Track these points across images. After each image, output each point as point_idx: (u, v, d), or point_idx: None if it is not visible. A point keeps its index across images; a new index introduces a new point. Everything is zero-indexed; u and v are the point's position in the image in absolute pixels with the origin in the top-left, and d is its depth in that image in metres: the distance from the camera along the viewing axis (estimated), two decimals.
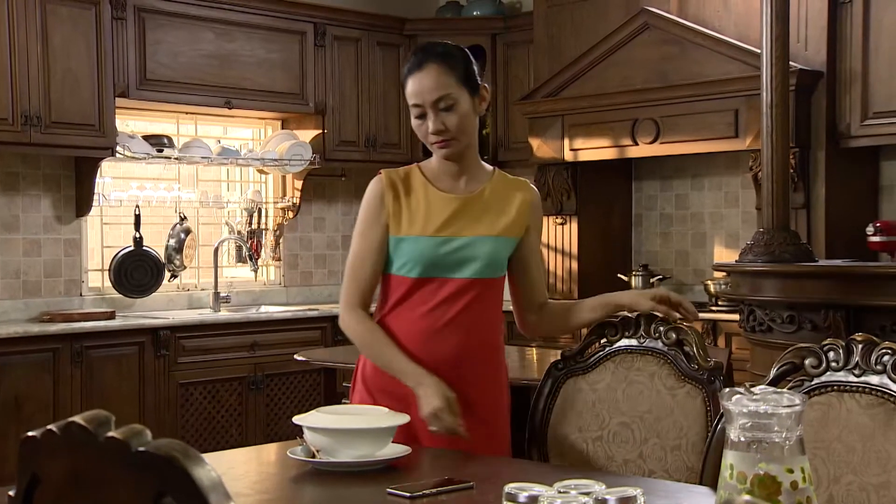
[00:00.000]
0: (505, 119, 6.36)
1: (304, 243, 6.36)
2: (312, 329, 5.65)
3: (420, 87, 2.38)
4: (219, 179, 6.26)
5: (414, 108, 2.40)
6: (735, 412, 1.39)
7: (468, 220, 2.42)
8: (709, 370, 2.30)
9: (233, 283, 6.06)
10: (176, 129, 5.89)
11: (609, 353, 2.47)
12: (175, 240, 5.73)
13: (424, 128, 2.40)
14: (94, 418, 1.09)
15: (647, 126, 5.47)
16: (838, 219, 4.92)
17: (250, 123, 6.28)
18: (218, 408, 5.29)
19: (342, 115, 6.08)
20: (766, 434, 1.37)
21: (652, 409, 2.37)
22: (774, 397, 1.38)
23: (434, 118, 2.37)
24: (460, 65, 2.41)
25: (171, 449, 1.04)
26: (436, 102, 2.36)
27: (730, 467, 1.38)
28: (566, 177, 5.85)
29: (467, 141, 2.42)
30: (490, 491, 1.93)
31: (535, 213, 2.52)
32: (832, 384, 1.87)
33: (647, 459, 2.33)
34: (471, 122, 2.42)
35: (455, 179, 2.47)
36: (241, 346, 5.38)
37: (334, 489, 1.97)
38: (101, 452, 1.07)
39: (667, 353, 2.39)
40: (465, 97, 2.39)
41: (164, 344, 5.10)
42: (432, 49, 2.43)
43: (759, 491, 1.35)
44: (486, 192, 2.45)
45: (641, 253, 6.15)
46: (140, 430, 1.07)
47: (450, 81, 2.37)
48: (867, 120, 4.81)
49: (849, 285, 3.18)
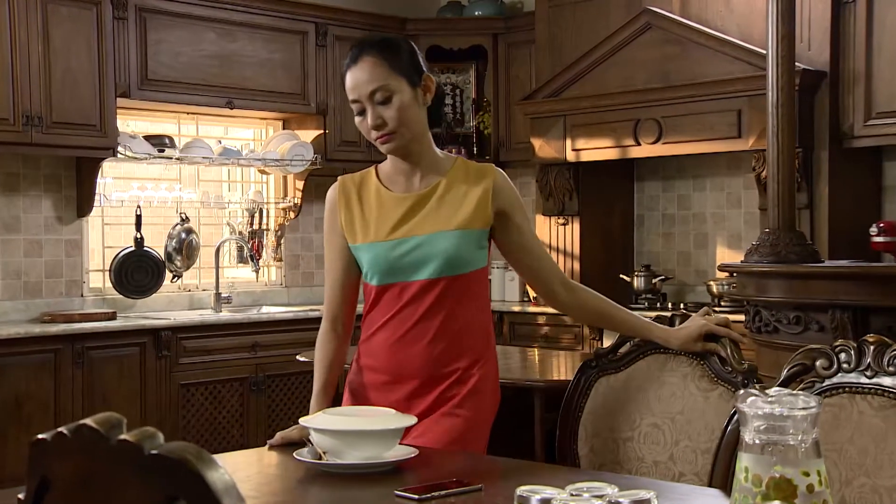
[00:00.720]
0: (506, 119, 6.35)
1: (306, 244, 6.34)
2: (314, 330, 5.54)
3: (355, 80, 2.28)
4: (220, 180, 6.24)
5: (353, 104, 2.30)
6: (750, 414, 1.37)
7: (422, 219, 2.33)
8: (742, 373, 2.29)
9: (234, 283, 6.05)
10: (177, 129, 5.88)
11: (642, 352, 2.44)
12: (177, 240, 5.71)
13: (365, 124, 2.30)
14: (106, 421, 1.08)
15: (649, 126, 5.46)
16: (841, 219, 4.92)
17: (251, 123, 6.26)
18: (219, 409, 5.28)
19: (343, 116, 6.06)
20: (782, 436, 1.35)
21: (684, 411, 2.34)
22: (790, 399, 1.36)
23: (372, 112, 2.27)
24: (398, 55, 2.31)
25: (185, 452, 1.02)
26: (371, 95, 2.26)
27: (745, 470, 1.37)
28: (568, 177, 5.85)
29: (410, 134, 2.31)
30: (499, 493, 1.92)
31: (503, 195, 2.36)
32: (844, 386, 1.85)
33: (677, 462, 2.31)
34: (413, 113, 2.30)
35: (408, 178, 2.37)
36: (243, 346, 5.36)
37: (341, 491, 1.95)
38: (113, 455, 1.05)
39: (700, 354, 2.37)
40: (405, 88, 2.29)
41: (166, 345, 5.08)
42: (367, 42, 2.34)
43: (774, 494, 1.33)
44: (442, 186, 2.34)
45: (643, 253, 6.14)
46: (153, 432, 1.06)
47: (385, 72, 2.27)
48: (870, 120, 4.80)
49: (856, 286, 3.17)
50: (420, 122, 2.33)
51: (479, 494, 1.88)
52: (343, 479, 2.01)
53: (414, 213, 2.33)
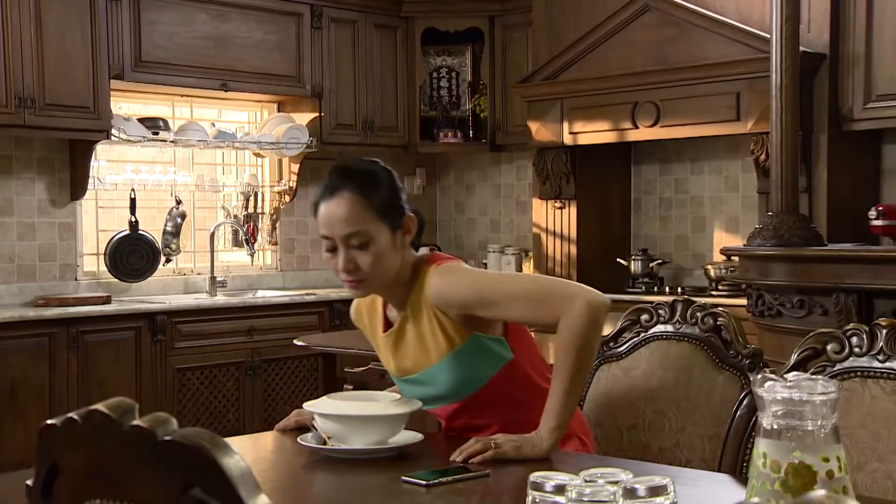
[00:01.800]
0: (503, 102, 6.32)
1: (301, 227, 6.31)
2: (310, 314, 5.61)
3: (329, 217, 2.09)
4: (214, 163, 6.20)
5: (324, 238, 2.12)
6: (768, 399, 1.36)
7: (409, 356, 2.21)
8: (748, 356, 2.27)
9: (229, 267, 6.02)
10: (171, 111, 5.83)
11: (644, 339, 2.43)
12: (172, 224, 5.68)
13: (335, 262, 2.12)
14: (118, 406, 1.06)
15: (647, 109, 5.44)
16: (840, 202, 4.90)
17: (246, 106, 6.22)
18: (215, 393, 5.26)
19: (339, 98, 6.03)
20: (800, 422, 1.34)
21: (689, 397, 2.33)
22: (809, 384, 1.35)
23: (345, 254, 2.09)
24: (380, 193, 2.11)
25: (199, 438, 1.00)
26: (347, 238, 2.08)
27: (763, 455, 1.35)
28: (565, 160, 5.82)
29: (383, 281, 2.14)
30: (507, 479, 1.90)
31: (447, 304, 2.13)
32: (855, 370, 1.84)
33: (683, 448, 2.30)
34: (389, 260, 2.11)
35: (389, 310, 2.26)
36: (239, 330, 5.34)
37: (347, 477, 1.93)
38: (126, 442, 1.03)
39: (704, 338, 2.35)
40: (384, 233, 2.10)
41: (161, 329, 5.06)
42: (349, 173, 2.13)
43: (793, 480, 1.32)
44: (410, 317, 2.18)
45: (640, 237, 6.13)
46: (165, 418, 1.04)
47: (364, 215, 2.08)
48: (870, 103, 4.78)
49: (860, 269, 3.15)
50: (395, 266, 2.14)
51: (487, 480, 1.86)
52: (348, 465, 1.99)
53: (399, 350, 2.23)
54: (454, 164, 6.93)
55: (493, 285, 2.15)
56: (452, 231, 6.98)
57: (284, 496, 1.84)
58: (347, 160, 2.30)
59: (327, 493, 1.92)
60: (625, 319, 2.52)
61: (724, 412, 2.29)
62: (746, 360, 2.30)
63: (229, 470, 0.99)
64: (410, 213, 2.18)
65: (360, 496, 1.82)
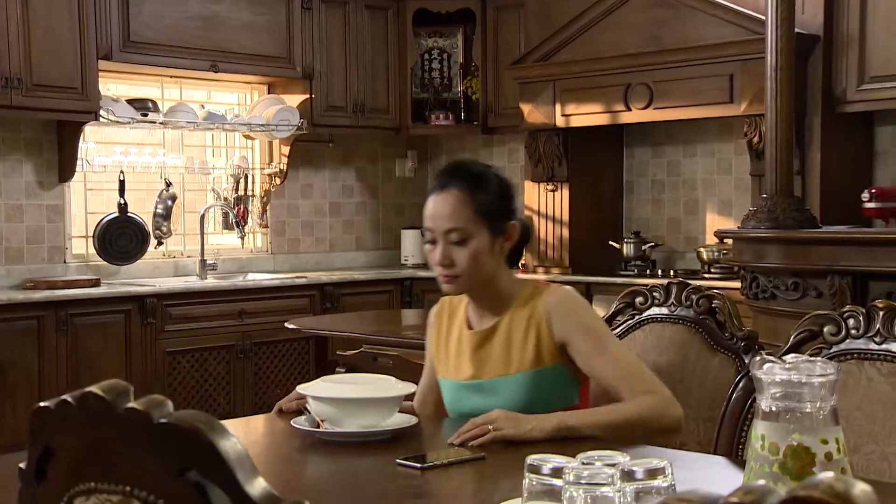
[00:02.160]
0: (495, 84, 6.30)
1: (292, 210, 6.30)
2: (300, 297, 5.60)
3: (434, 211, 2.18)
4: (204, 145, 6.17)
5: (426, 230, 2.20)
6: (766, 381, 1.36)
7: (484, 361, 2.20)
8: (743, 339, 2.27)
9: (219, 250, 6.00)
10: (160, 92, 5.80)
11: (639, 321, 2.43)
12: (161, 206, 5.65)
13: (433, 255, 2.19)
14: (112, 388, 1.05)
15: (639, 91, 5.42)
16: (833, 185, 4.90)
17: (236, 88, 6.19)
18: (206, 376, 5.25)
19: (330, 80, 6.00)
20: (799, 404, 1.33)
21: (683, 380, 2.33)
22: (807, 366, 1.35)
23: (442, 249, 2.16)
24: (487, 196, 2.18)
25: (196, 420, 0.99)
26: (447, 233, 2.16)
27: (761, 438, 1.35)
28: (557, 143, 5.81)
29: (477, 281, 2.18)
30: (501, 461, 1.90)
31: (562, 321, 2.15)
32: (852, 352, 1.84)
33: None
34: (485, 261, 2.16)
35: (478, 313, 2.27)
36: (229, 314, 5.32)
37: (341, 460, 1.93)
38: (121, 424, 1.02)
39: (698, 321, 2.35)
40: (484, 234, 2.16)
41: (151, 312, 5.04)
42: (460, 171, 2.22)
43: (792, 462, 1.32)
44: (504, 323, 2.20)
45: (633, 220, 6.12)
46: (161, 400, 1.03)
47: (468, 214, 2.15)
48: (863, 85, 4.77)
49: (855, 251, 3.15)
50: (490, 269, 2.19)
51: (482, 463, 1.86)
52: (342, 448, 1.98)
53: (477, 353, 2.22)
54: (446, 147, 6.91)
55: (609, 334, 2.18)
56: None
57: (278, 480, 1.83)
58: (463, 160, 2.40)
59: (322, 476, 1.91)
60: (619, 302, 2.52)
61: (719, 395, 2.29)
62: (741, 343, 2.31)
63: (226, 452, 0.98)
64: (514, 222, 2.23)
65: (355, 479, 1.82)
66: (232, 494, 0.97)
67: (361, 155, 6.61)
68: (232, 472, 0.97)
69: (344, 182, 6.54)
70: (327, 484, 1.81)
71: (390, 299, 5.98)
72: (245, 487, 0.97)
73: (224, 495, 0.98)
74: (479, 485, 1.73)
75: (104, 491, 1.06)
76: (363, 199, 6.64)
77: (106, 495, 1.06)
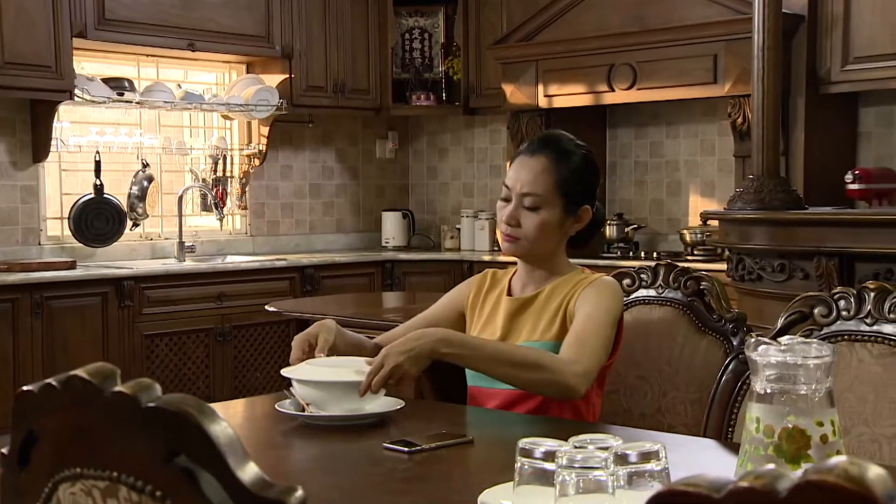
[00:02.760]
0: (477, 64, 6.27)
1: (271, 191, 6.26)
2: (280, 279, 5.57)
3: (518, 171, 2.23)
4: (181, 125, 6.13)
5: (504, 187, 2.26)
6: (761, 363, 1.35)
7: (517, 326, 2.26)
8: (731, 321, 2.27)
9: (197, 232, 5.96)
10: (136, 72, 5.74)
11: (626, 303, 2.42)
12: (138, 187, 5.61)
13: (502, 212, 2.24)
14: (99, 372, 1.03)
15: (623, 71, 5.42)
16: (816, 166, 4.91)
17: (214, 67, 6.14)
18: (184, 360, 5.22)
19: (310, 60, 5.96)
20: (794, 386, 1.33)
21: (671, 362, 2.33)
22: (802, 348, 1.34)
23: (513, 209, 2.22)
24: (571, 173, 2.22)
25: (184, 404, 0.98)
26: (522, 195, 2.21)
27: (756, 420, 1.35)
28: (540, 124, 5.80)
29: (536, 249, 2.24)
30: (489, 444, 1.90)
31: (583, 297, 2.18)
32: (843, 333, 1.84)
33: (665, 414, 2.30)
34: (550, 234, 2.21)
35: (523, 282, 2.31)
36: (208, 296, 5.29)
37: (327, 444, 1.91)
38: (107, 408, 1.01)
39: (686, 303, 2.35)
40: (557, 209, 2.21)
41: (128, 294, 5.00)
42: (553, 141, 2.26)
43: (787, 445, 1.32)
44: (544, 294, 2.25)
45: (615, 202, 6.12)
46: (149, 384, 1.01)
47: (549, 184, 2.20)
48: (848, 65, 4.78)
49: (841, 233, 3.16)
50: (552, 244, 2.24)
51: (470, 446, 1.85)
52: (327, 432, 1.97)
53: (513, 318, 2.26)
54: (427, 128, 6.88)
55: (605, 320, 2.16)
56: (425, 196, 6.95)
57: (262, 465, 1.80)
58: (557, 132, 2.37)
59: (307, 461, 1.90)
60: None
61: (707, 377, 2.29)
62: (730, 325, 2.31)
63: (216, 437, 0.96)
64: (588, 207, 2.27)
65: (341, 464, 1.81)
66: (223, 480, 0.96)
67: (341, 136, 6.58)
68: (223, 456, 0.96)
69: (324, 163, 6.51)
70: (313, 469, 1.80)
71: (371, 282, 5.96)
72: (236, 473, 0.95)
73: (214, 480, 0.97)
74: (468, 469, 1.72)
75: (90, 477, 1.04)
76: (343, 181, 6.62)
77: (92, 481, 1.04)
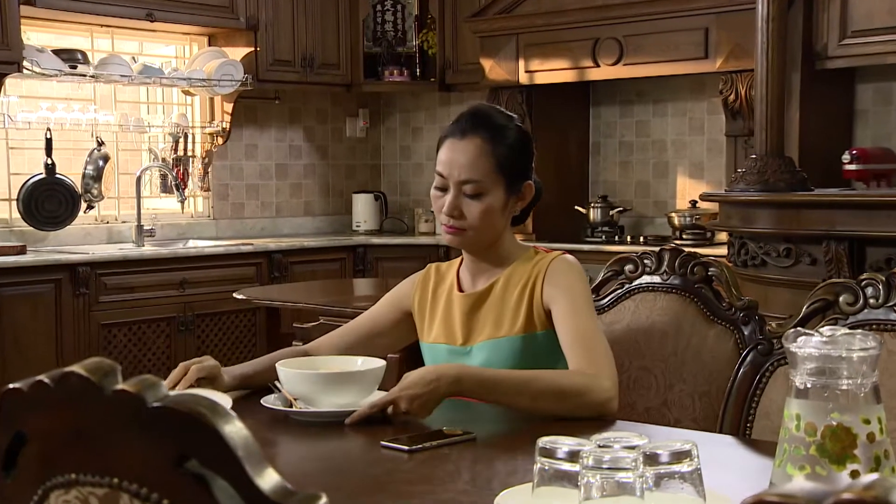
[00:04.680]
0: (453, 38, 6.22)
1: (235, 172, 6.19)
2: (247, 265, 5.51)
3: (451, 158, 2.14)
4: (139, 101, 6.04)
5: (438, 176, 2.17)
6: (801, 355, 1.32)
7: (475, 324, 2.20)
8: (742, 309, 2.24)
9: (157, 215, 5.89)
10: (90, 43, 5.64)
11: (628, 290, 2.39)
12: (93, 167, 5.52)
13: (440, 203, 2.16)
14: (98, 368, 0.98)
15: (609, 46, 5.39)
16: (811, 145, 4.90)
17: (173, 39, 6.05)
18: (144, 350, 5.15)
19: (276, 32, 5.89)
20: (836, 380, 1.30)
21: (677, 353, 2.30)
22: (846, 339, 1.31)
23: (453, 198, 2.14)
24: (509, 150, 2.15)
25: (196, 404, 0.93)
26: (462, 183, 2.13)
27: (796, 418, 1.32)
28: (520, 101, 5.77)
29: (482, 238, 2.18)
30: (495, 441, 1.86)
31: (552, 285, 2.13)
32: (870, 322, 1.82)
33: (671, 408, 2.27)
34: (496, 220, 2.16)
35: (473, 274, 2.25)
36: (169, 283, 5.22)
37: (318, 443, 1.87)
38: (108, 408, 0.96)
39: (693, 290, 2.32)
40: (500, 192, 2.15)
41: (84, 281, 4.92)
42: (484, 118, 2.17)
43: (831, 444, 1.29)
44: (498, 285, 2.20)
45: (599, 183, 6.11)
46: (154, 381, 0.96)
47: (487, 167, 2.13)
48: (845, 39, 4.77)
49: (852, 215, 3.14)
50: (499, 229, 2.19)
51: (474, 444, 1.81)
52: (317, 429, 1.92)
53: (470, 316, 2.21)
54: (400, 105, 6.83)
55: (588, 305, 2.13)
56: (398, 177, 6.90)
57: None
58: (485, 106, 2.28)
59: (299, 461, 1.85)
60: (607, 270, 2.48)
61: (716, 368, 2.27)
62: (740, 314, 2.28)
63: (232, 440, 0.92)
64: (530, 182, 2.23)
65: (336, 464, 1.76)
66: (238, 487, 0.91)
67: (310, 113, 6.52)
68: (239, 461, 0.91)
69: (291, 142, 6.45)
70: (307, 470, 1.75)
71: (342, 268, 5.91)
72: (254, 479, 0.91)
73: (228, 487, 0.92)
74: (475, 468, 1.68)
75: (87, 483, 0.99)
76: (312, 161, 6.56)
77: (89, 488, 0.99)
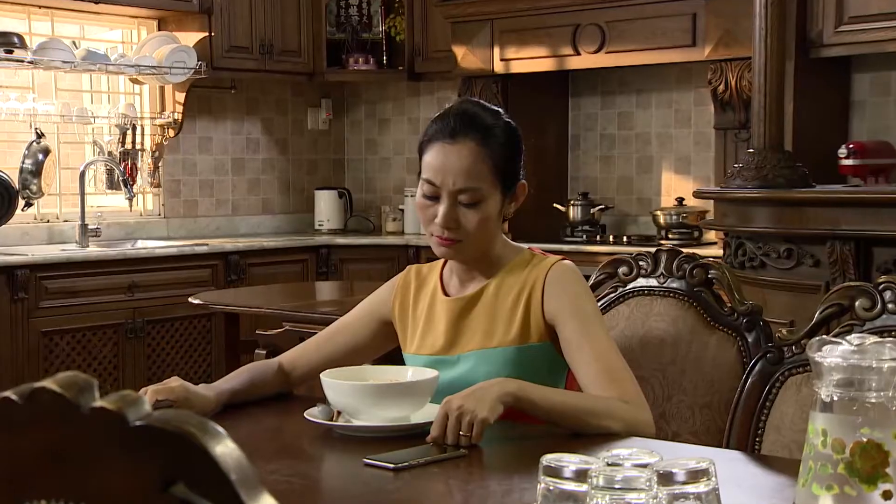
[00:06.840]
0: (423, 23, 6.22)
1: (188, 167, 6.16)
2: (201, 268, 5.48)
3: (444, 164, 2.07)
4: (81, 90, 5.98)
5: (426, 184, 2.09)
6: (826, 366, 1.31)
7: (464, 331, 2.15)
8: (745, 314, 2.24)
9: (102, 213, 5.85)
10: (27, 26, 5.59)
11: (622, 294, 2.38)
12: (31, 161, 5.46)
13: (431, 212, 2.09)
14: (72, 383, 0.95)
15: (590, 33, 5.40)
16: (806, 139, 4.92)
17: (119, 22, 6.01)
18: (89, 360, 5.11)
19: (232, 16, 5.87)
20: (866, 393, 1.29)
21: (676, 361, 2.30)
22: (875, 348, 1.31)
23: (448, 209, 2.07)
24: (503, 150, 2.10)
25: (184, 423, 0.90)
26: (458, 192, 2.07)
27: (822, 433, 1.31)
28: (496, 91, 5.78)
29: (478, 247, 2.12)
30: (487, 457, 1.84)
31: (557, 299, 2.09)
32: (889, 329, 1.82)
33: (670, 420, 2.27)
34: (492, 225, 2.11)
35: (462, 279, 2.20)
36: (117, 287, 5.18)
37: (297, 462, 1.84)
38: (86, 428, 0.93)
39: (693, 294, 2.32)
40: (496, 196, 2.09)
41: (22, 285, 4.87)
42: (475, 119, 2.10)
43: (861, 462, 1.28)
44: (490, 288, 2.15)
45: (579, 179, 6.12)
46: (136, 398, 0.93)
47: (484, 172, 2.06)
48: (841, 26, 4.79)
49: (857, 214, 3.15)
50: (495, 235, 2.15)
51: (463, 460, 1.79)
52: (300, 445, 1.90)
53: (457, 323, 2.16)
54: (365, 95, 6.82)
55: (600, 324, 2.10)
56: (363, 172, 6.89)
57: None
58: (472, 103, 2.21)
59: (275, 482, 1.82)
60: (600, 272, 2.48)
61: (717, 378, 2.26)
62: (743, 319, 2.27)
63: (224, 462, 0.89)
64: (523, 181, 2.18)
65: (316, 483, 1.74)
66: None
67: (269, 104, 6.51)
68: (231, 485, 0.89)
69: (248, 135, 6.43)
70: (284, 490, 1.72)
71: (304, 270, 5.90)
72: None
73: None
74: (467, 489, 1.66)
75: None
76: (270, 155, 6.54)
77: None
